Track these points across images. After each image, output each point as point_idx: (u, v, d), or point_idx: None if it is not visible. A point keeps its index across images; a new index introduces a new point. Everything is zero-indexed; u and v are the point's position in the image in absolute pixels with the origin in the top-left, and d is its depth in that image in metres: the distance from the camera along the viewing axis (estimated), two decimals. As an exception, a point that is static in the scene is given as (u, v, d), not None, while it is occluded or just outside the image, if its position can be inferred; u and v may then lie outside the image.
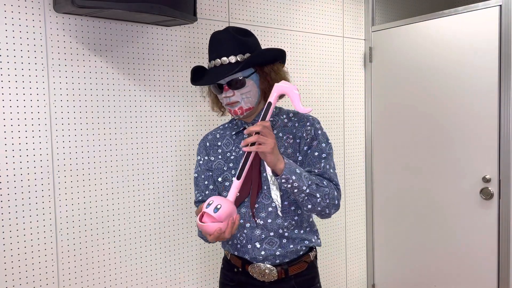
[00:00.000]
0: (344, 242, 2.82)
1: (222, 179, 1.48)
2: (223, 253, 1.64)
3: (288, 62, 2.40)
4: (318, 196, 1.35)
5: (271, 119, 1.48)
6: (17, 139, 1.66)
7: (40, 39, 1.69)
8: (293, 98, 1.25)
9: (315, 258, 1.56)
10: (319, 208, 1.37)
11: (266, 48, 1.48)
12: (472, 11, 2.35)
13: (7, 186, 1.64)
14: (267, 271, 1.45)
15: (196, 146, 2.11)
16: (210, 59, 1.45)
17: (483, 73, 2.31)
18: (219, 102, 1.55)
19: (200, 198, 1.55)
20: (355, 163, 2.86)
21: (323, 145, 1.44)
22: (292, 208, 1.46)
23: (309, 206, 1.36)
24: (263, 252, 1.45)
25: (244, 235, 1.46)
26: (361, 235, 2.93)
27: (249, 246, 1.46)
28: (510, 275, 2.28)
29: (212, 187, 1.53)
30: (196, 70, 1.50)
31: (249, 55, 1.42)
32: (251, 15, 2.30)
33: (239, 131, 1.51)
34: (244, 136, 1.44)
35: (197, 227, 1.49)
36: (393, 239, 2.81)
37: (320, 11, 2.61)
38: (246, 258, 1.48)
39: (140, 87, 1.96)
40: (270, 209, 1.44)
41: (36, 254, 1.72)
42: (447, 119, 2.48)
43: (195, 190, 1.57)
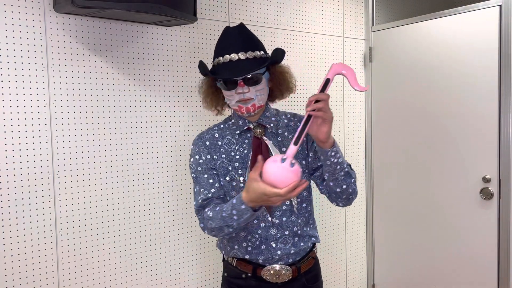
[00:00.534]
0: (344, 241, 2.82)
1: (229, 179, 1.45)
2: (220, 258, 1.58)
3: (288, 62, 2.40)
4: (353, 176, 1.40)
5: (272, 118, 1.49)
6: (17, 139, 1.66)
7: (40, 39, 1.69)
8: (350, 78, 1.29)
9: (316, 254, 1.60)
10: (351, 190, 1.40)
11: (278, 48, 1.48)
12: (472, 11, 2.35)
13: (7, 186, 1.64)
14: (283, 272, 1.45)
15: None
16: (224, 53, 1.40)
17: (483, 73, 2.31)
18: (218, 100, 1.49)
19: (210, 195, 1.43)
20: (355, 163, 2.86)
21: None
22: (304, 205, 1.48)
23: (344, 187, 1.38)
24: (279, 252, 1.44)
25: (257, 235, 1.45)
26: (361, 235, 2.93)
27: (263, 247, 1.44)
28: (510, 275, 2.28)
29: (217, 185, 1.45)
30: (204, 65, 1.47)
31: (264, 53, 1.44)
32: (251, 15, 2.30)
33: (242, 131, 1.48)
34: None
35: (224, 210, 1.32)
36: (393, 239, 2.81)
37: (320, 11, 2.61)
38: (258, 262, 1.45)
39: (140, 87, 1.96)
40: (284, 207, 1.44)
41: (36, 254, 1.72)
42: (447, 119, 2.48)
43: (199, 188, 1.45)
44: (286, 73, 1.47)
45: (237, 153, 1.47)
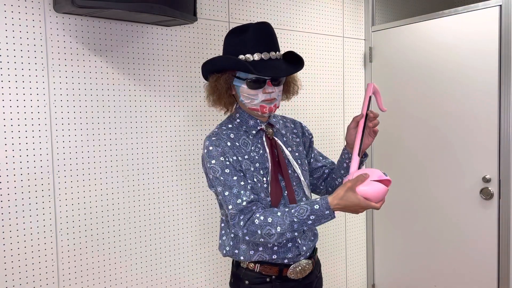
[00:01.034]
0: (344, 242, 2.82)
1: (256, 180, 1.40)
2: (225, 258, 1.55)
3: (288, 62, 2.40)
4: None
5: (274, 119, 1.51)
6: (17, 139, 1.66)
7: (40, 39, 1.69)
8: (379, 98, 1.49)
9: None
10: None
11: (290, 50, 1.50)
12: (472, 11, 2.35)
13: (7, 186, 1.64)
14: (307, 266, 1.49)
15: (197, 146, 2.12)
16: (254, 50, 1.35)
17: (483, 73, 2.31)
18: (230, 98, 1.44)
19: (252, 196, 1.35)
20: (355, 163, 2.86)
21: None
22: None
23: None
24: (304, 248, 1.47)
25: None
26: (361, 235, 2.93)
27: (289, 245, 1.45)
28: (510, 275, 2.28)
29: (249, 187, 1.37)
30: (225, 60, 1.40)
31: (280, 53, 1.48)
32: (251, 15, 2.30)
33: (257, 131, 1.45)
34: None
35: (300, 213, 1.31)
36: (393, 239, 2.81)
37: (320, 11, 2.61)
38: (284, 262, 1.44)
39: (140, 87, 1.95)
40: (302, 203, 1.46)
41: (36, 254, 1.72)
42: (447, 119, 2.48)
43: (237, 191, 1.35)
44: (295, 76, 1.52)
45: (254, 153, 1.43)
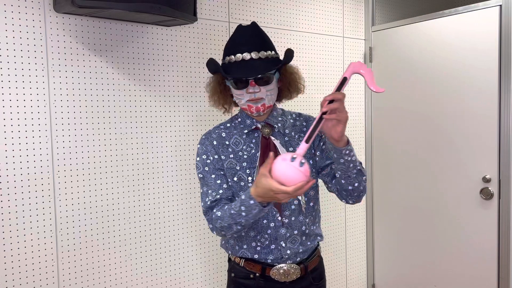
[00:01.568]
0: (344, 241, 2.82)
1: (237, 179, 1.44)
2: (226, 255, 1.58)
3: (288, 62, 2.40)
4: (365, 174, 1.40)
5: (279, 118, 1.49)
6: (17, 139, 1.66)
7: (40, 39, 1.69)
8: (368, 78, 1.28)
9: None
10: (361, 188, 1.40)
11: (289, 48, 1.48)
12: (472, 11, 2.35)
13: (7, 186, 1.64)
14: (292, 271, 1.45)
15: (196, 146, 2.11)
16: (236, 52, 1.39)
17: (483, 73, 2.31)
18: (226, 98, 1.49)
19: (218, 196, 1.42)
20: (355, 163, 2.86)
21: None
22: (311, 204, 1.49)
23: (356, 184, 1.38)
24: (288, 251, 1.45)
25: (267, 235, 1.45)
26: (361, 235, 2.93)
27: (272, 247, 1.45)
28: (510, 275, 2.28)
29: (225, 186, 1.44)
30: (211, 63, 1.45)
31: (275, 53, 1.44)
32: (251, 15, 2.30)
33: (250, 130, 1.47)
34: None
35: (233, 207, 1.32)
36: (393, 239, 2.81)
37: (320, 11, 2.61)
38: (267, 261, 1.46)
39: (140, 87, 1.96)
40: (293, 207, 1.45)
41: (36, 254, 1.72)
42: (447, 119, 2.48)
43: (207, 189, 1.44)
44: (296, 73, 1.48)
45: (245, 152, 1.46)
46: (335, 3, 2.69)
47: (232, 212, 1.32)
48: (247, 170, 1.45)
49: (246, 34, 1.42)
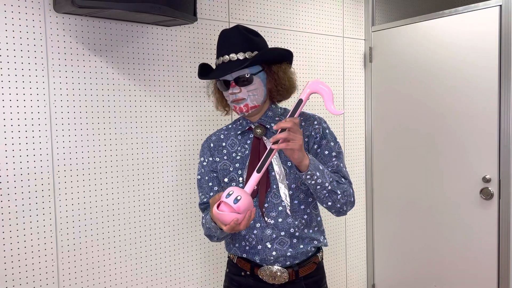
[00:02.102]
0: (344, 242, 2.82)
1: (228, 180, 1.46)
2: (226, 255, 1.61)
3: (288, 62, 2.39)
4: (339, 192, 1.37)
5: (276, 118, 1.48)
6: (17, 139, 1.66)
7: (40, 39, 1.69)
8: (326, 98, 1.21)
9: (322, 259, 1.56)
10: (338, 205, 1.39)
11: (274, 47, 1.47)
12: (472, 11, 2.35)
13: (7, 186, 1.64)
14: (279, 273, 1.44)
15: (197, 146, 2.12)
16: (218, 55, 1.43)
17: (483, 73, 2.31)
18: (224, 101, 1.52)
19: (205, 200, 1.51)
20: (355, 163, 2.86)
21: (332, 143, 1.46)
22: (302, 207, 1.46)
23: (329, 203, 1.38)
24: (274, 253, 1.44)
25: (253, 235, 1.45)
26: (361, 235, 2.93)
27: (259, 247, 1.45)
28: (510, 275, 2.28)
29: (216, 188, 1.50)
30: (204, 66, 1.49)
31: (257, 53, 1.42)
32: (251, 15, 2.30)
33: (244, 131, 1.49)
34: (268, 136, 1.43)
35: (205, 222, 1.44)
36: (393, 239, 2.81)
37: (320, 11, 2.61)
38: (255, 261, 1.46)
39: (140, 87, 1.96)
40: (280, 208, 1.43)
41: (36, 254, 1.72)
42: (447, 119, 2.48)
43: (199, 192, 1.54)
44: (282, 72, 1.44)
45: (239, 153, 1.47)
46: (335, 3, 2.69)
47: (207, 226, 1.42)
48: (239, 170, 1.46)
49: (227, 37, 1.43)
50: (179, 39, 2.06)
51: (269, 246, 1.43)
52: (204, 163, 1.52)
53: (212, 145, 1.52)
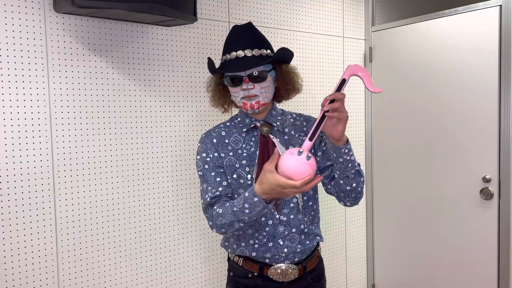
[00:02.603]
0: (344, 241, 2.82)
1: (236, 176, 1.45)
2: (226, 255, 1.60)
3: (288, 62, 2.40)
4: (362, 175, 1.41)
5: (279, 117, 1.50)
6: (17, 139, 1.66)
7: (40, 39, 1.69)
8: (366, 79, 1.30)
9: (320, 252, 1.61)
10: (359, 189, 1.41)
11: (285, 47, 1.48)
12: (472, 11, 2.35)
13: (7, 186, 1.65)
14: (290, 271, 1.46)
15: (196, 146, 2.12)
16: (231, 50, 1.42)
17: (483, 73, 2.31)
18: (225, 98, 1.51)
19: (218, 193, 1.43)
20: (355, 163, 2.86)
21: None
22: (310, 203, 1.49)
23: (354, 185, 1.39)
24: (286, 250, 1.45)
25: (265, 233, 1.45)
26: (361, 235, 2.93)
27: (270, 244, 1.45)
28: (510, 275, 2.28)
29: (225, 183, 1.45)
30: (213, 62, 1.48)
31: (271, 52, 1.44)
32: (251, 15, 2.30)
33: (249, 129, 1.49)
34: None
35: (237, 203, 1.32)
36: (393, 239, 2.81)
37: (320, 11, 2.61)
38: (265, 261, 1.46)
39: (140, 87, 1.96)
40: (291, 205, 1.45)
41: (36, 254, 1.72)
42: (447, 119, 2.48)
43: (207, 186, 1.45)
44: (293, 73, 1.48)
45: (244, 151, 1.47)
46: (335, 3, 2.69)
47: (235, 209, 1.32)
48: (246, 168, 1.46)
49: (240, 33, 1.43)
50: (179, 39, 2.06)
51: (281, 243, 1.45)
52: (208, 159, 1.46)
53: (215, 140, 1.48)
